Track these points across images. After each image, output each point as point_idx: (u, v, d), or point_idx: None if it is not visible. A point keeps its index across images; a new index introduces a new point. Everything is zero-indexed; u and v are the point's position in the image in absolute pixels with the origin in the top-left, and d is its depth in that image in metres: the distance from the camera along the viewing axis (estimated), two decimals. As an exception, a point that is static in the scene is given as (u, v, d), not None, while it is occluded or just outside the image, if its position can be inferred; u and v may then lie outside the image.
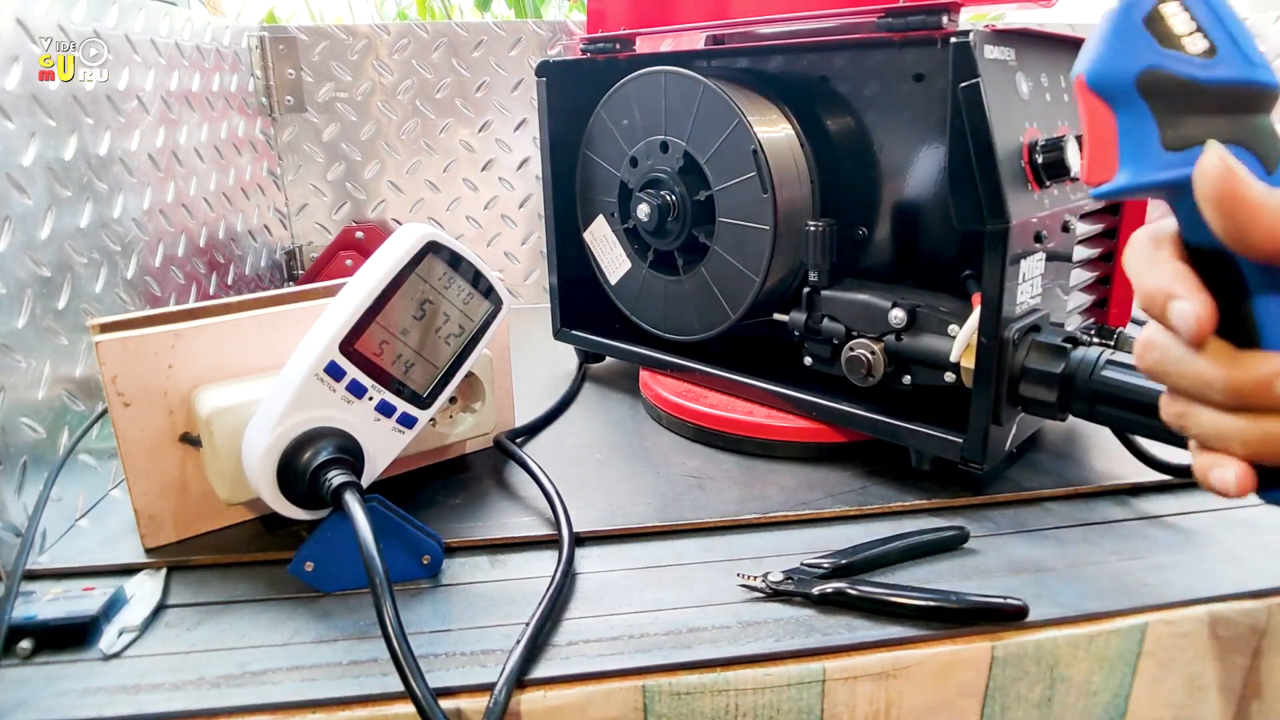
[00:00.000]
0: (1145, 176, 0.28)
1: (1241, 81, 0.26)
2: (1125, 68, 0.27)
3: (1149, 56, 0.27)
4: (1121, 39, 0.27)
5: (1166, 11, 0.27)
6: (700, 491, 0.54)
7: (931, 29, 0.50)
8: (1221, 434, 0.28)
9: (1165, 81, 0.27)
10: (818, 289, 0.58)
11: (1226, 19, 0.27)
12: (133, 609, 0.43)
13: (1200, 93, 0.27)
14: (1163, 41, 0.27)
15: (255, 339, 0.50)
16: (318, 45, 0.99)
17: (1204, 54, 0.26)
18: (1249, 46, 0.27)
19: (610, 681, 0.38)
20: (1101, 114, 0.28)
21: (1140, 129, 0.28)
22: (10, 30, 0.52)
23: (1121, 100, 0.28)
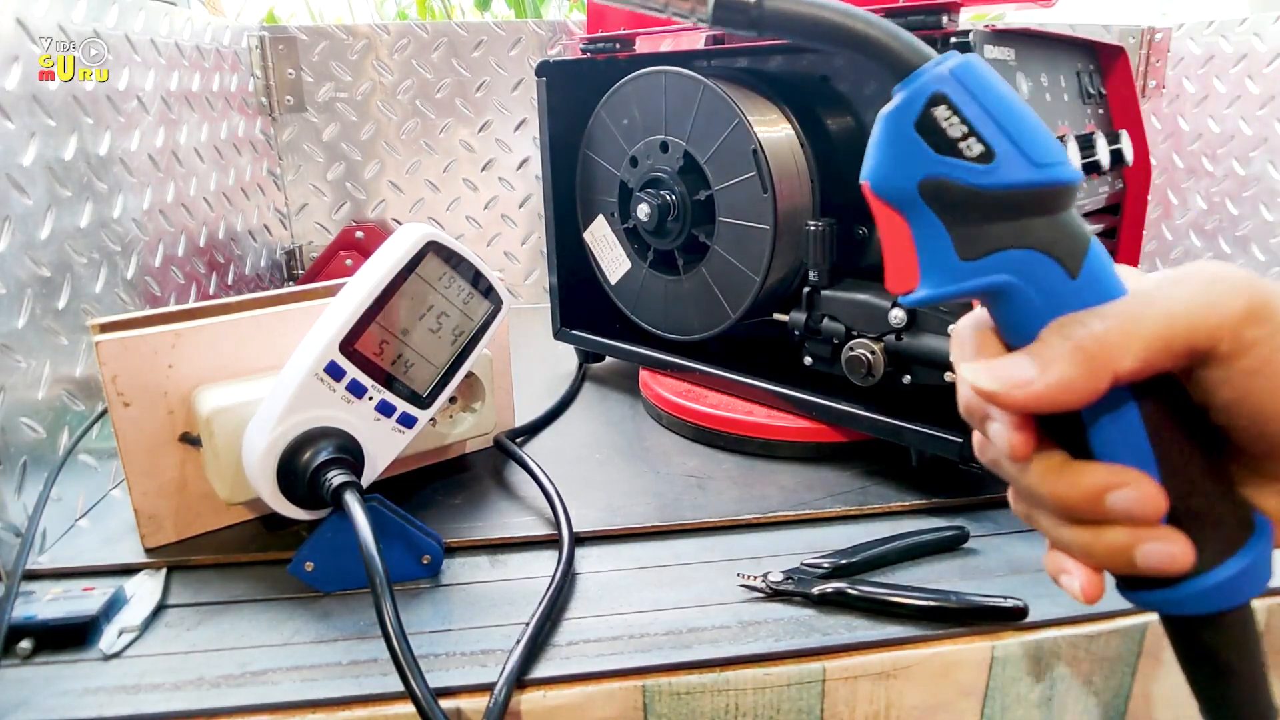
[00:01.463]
0: (944, 288, 0.26)
1: (1024, 185, 0.24)
2: (905, 175, 0.25)
3: (926, 165, 0.25)
4: (896, 145, 0.25)
5: (937, 115, 0.24)
6: (700, 491, 0.54)
7: (931, 29, 0.50)
8: (1063, 541, 0.26)
9: (947, 189, 0.24)
10: (818, 289, 0.58)
11: (1003, 117, 0.24)
12: (133, 609, 0.43)
13: (985, 199, 0.24)
14: (937, 149, 0.24)
15: (255, 339, 0.50)
16: (318, 45, 0.99)
17: (980, 158, 0.24)
18: (1031, 143, 0.24)
19: (610, 681, 0.38)
20: (894, 221, 0.26)
21: (933, 238, 0.25)
22: (10, 30, 0.52)
23: (909, 208, 0.26)
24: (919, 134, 0.24)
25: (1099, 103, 0.62)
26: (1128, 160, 0.60)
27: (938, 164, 0.24)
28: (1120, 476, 0.25)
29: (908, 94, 0.24)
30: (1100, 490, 0.25)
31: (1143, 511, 0.24)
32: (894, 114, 0.25)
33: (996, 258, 0.25)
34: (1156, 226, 1.06)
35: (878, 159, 0.26)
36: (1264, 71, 0.91)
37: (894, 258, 0.27)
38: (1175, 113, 1.03)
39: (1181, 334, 0.23)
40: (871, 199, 0.27)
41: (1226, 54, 0.95)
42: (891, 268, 0.27)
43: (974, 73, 0.24)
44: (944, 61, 0.24)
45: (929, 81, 0.24)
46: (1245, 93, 0.93)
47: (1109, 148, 0.57)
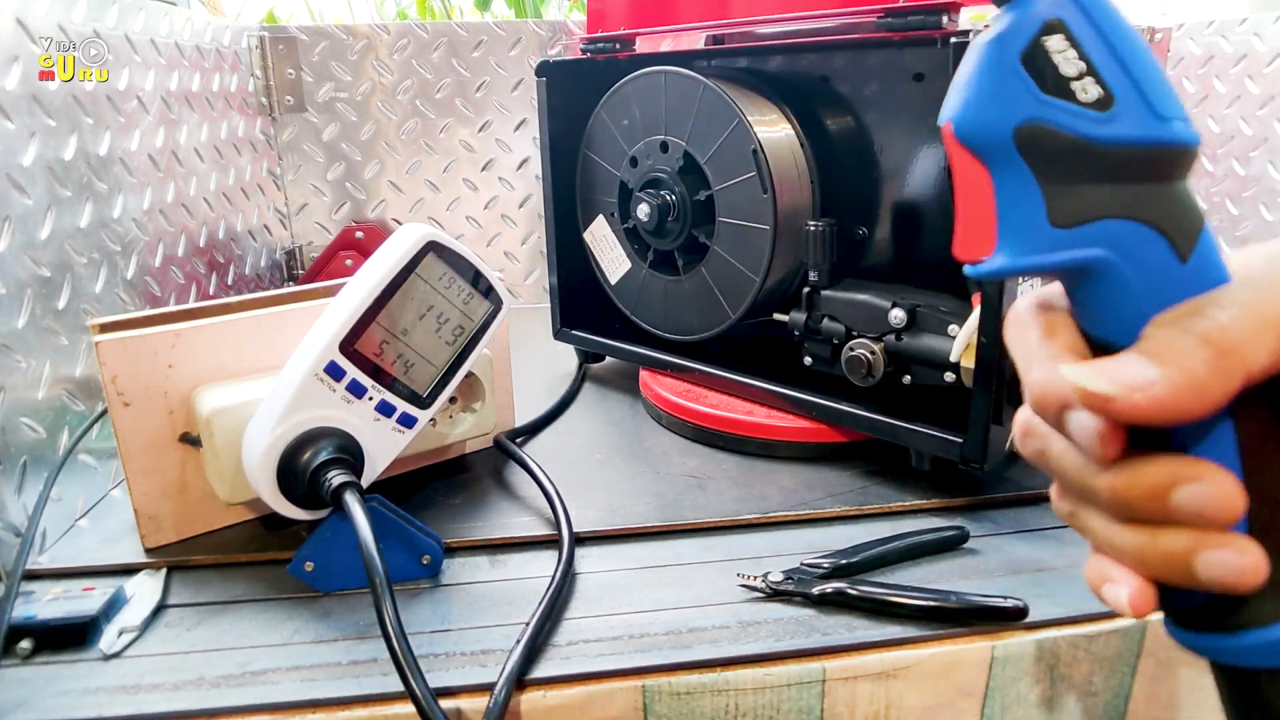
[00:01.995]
0: (1028, 259, 0.22)
1: (1147, 141, 0.20)
2: (999, 118, 0.21)
3: (1029, 106, 0.21)
4: (994, 80, 0.21)
5: (1050, 46, 0.20)
6: (700, 491, 0.54)
7: (931, 29, 0.50)
8: (1114, 544, 0.23)
9: (1050, 139, 0.21)
10: (818, 289, 0.58)
11: (1128, 57, 0.20)
12: (133, 609, 0.43)
13: (1095, 154, 0.21)
14: (1046, 87, 0.21)
15: (255, 339, 0.50)
16: (318, 45, 0.99)
17: (1098, 104, 0.20)
18: (1158, 93, 0.20)
19: (610, 681, 0.38)
20: (974, 173, 0.22)
21: (1022, 197, 0.22)
22: (10, 30, 0.52)
23: (998, 159, 0.22)
24: (1024, 68, 0.21)
25: (1099, 103, 0.62)
26: (1128, 160, 0.60)
27: (1043, 106, 0.21)
28: (1193, 469, 0.21)
29: (1016, 17, 0.21)
30: (1168, 483, 0.21)
31: (1215, 511, 0.21)
32: (996, 41, 0.21)
33: (1096, 227, 0.21)
34: (1156, 226, 1.06)
35: (968, 95, 0.22)
36: (1264, 71, 0.91)
37: (969, 217, 0.23)
38: (1175, 113, 1.03)
39: None
40: (951, 144, 0.23)
41: (1226, 54, 0.95)
42: (964, 229, 0.23)
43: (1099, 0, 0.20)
44: None
45: (1045, 5, 0.20)
46: (1245, 93, 0.93)
47: (1109, 148, 0.57)
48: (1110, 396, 0.21)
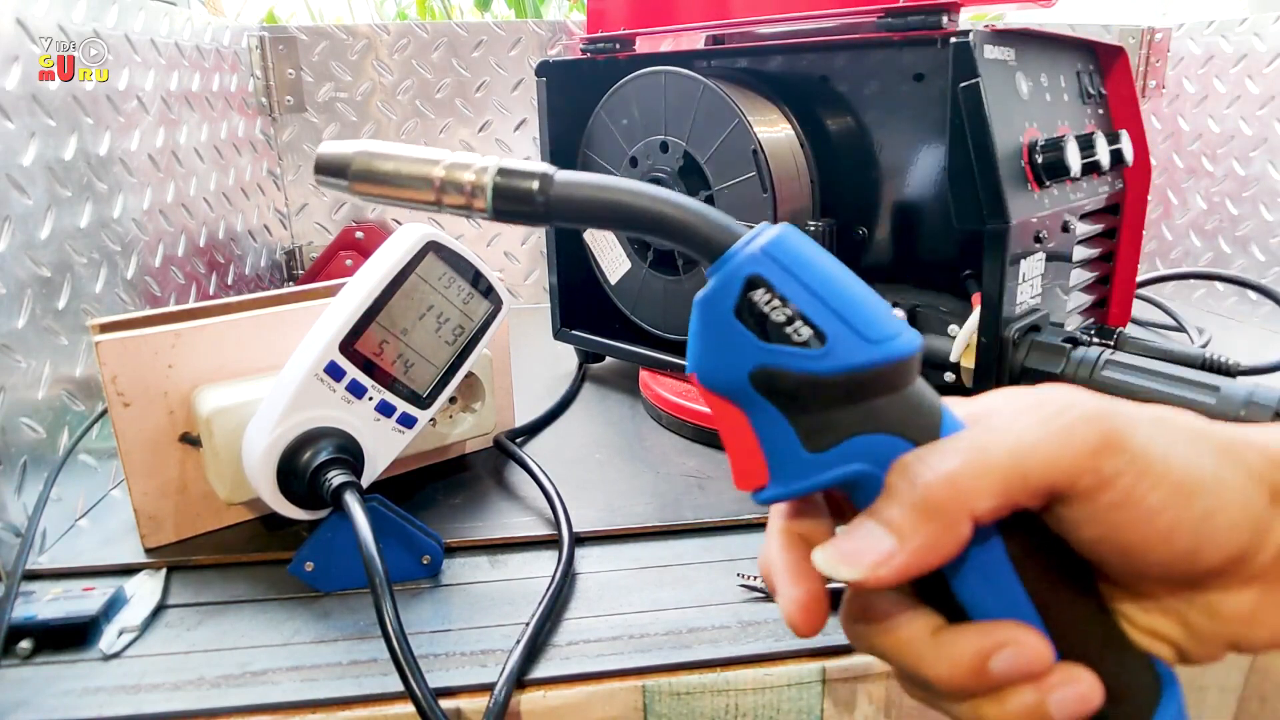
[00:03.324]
0: (797, 484, 0.23)
1: (865, 365, 0.22)
2: (732, 367, 0.23)
3: (754, 354, 0.22)
4: (718, 334, 0.22)
5: (757, 299, 0.22)
6: (700, 491, 0.54)
7: (931, 29, 0.50)
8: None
9: (781, 379, 0.22)
10: (818, 289, 0.58)
11: (827, 293, 0.22)
12: (133, 609, 0.43)
13: (824, 385, 0.22)
14: (764, 335, 0.22)
15: (255, 339, 0.50)
16: (318, 45, 0.99)
17: (810, 342, 0.22)
18: (863, 320, 0.22)
19: (610, 681, 0.38)
20: (730, 414, 0.24)
21: (776, 431, 0.23)
22: (10, 30, 0.52)
23: (744, 400, 0.23)
24: (740, 321, 0.22)
25: (1099, 103, 0.62)
26: (1128, 160, 0.60)
27: (766, 352, 0.22)
28: (995, 635, 0.22)
29: (720, 278, 0.22)
30: (980, 658, 0.22)
31: (1030, 665, 0.22)
32: (708, 300, 0.23)
33: (847, 446, 0.23)
34: (1156, 226, 1.06)
35: (701, 349, 0.23)
36: (1264, 71, 0.91)
37: (737, 453, 0.24)
38: (1175, 113, 1.03)
39: (1037, 468, 0.21)
40: (702, 392, 0.24)
41: (1226, 54, 0.95)
42: (737, 464, 0.24)
43: (789, 247, 0.22)
44: (755, 238, 0.22)
45: (741, 263, 0.22)
46: (1245, 93, 0.93)
47: (1109, 148, 0.57)
48: (860, 580, 0.22)
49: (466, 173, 0.23)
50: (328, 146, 0.25)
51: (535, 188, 0.23)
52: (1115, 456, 0.21)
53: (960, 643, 0.23)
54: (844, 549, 0.23)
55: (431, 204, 0.24)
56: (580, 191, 0.23)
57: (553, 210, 0.23)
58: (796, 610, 0.24)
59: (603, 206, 0.23)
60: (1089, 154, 0.55)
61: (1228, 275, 0.89)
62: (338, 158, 0.24)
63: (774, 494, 0.24)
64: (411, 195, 0.24)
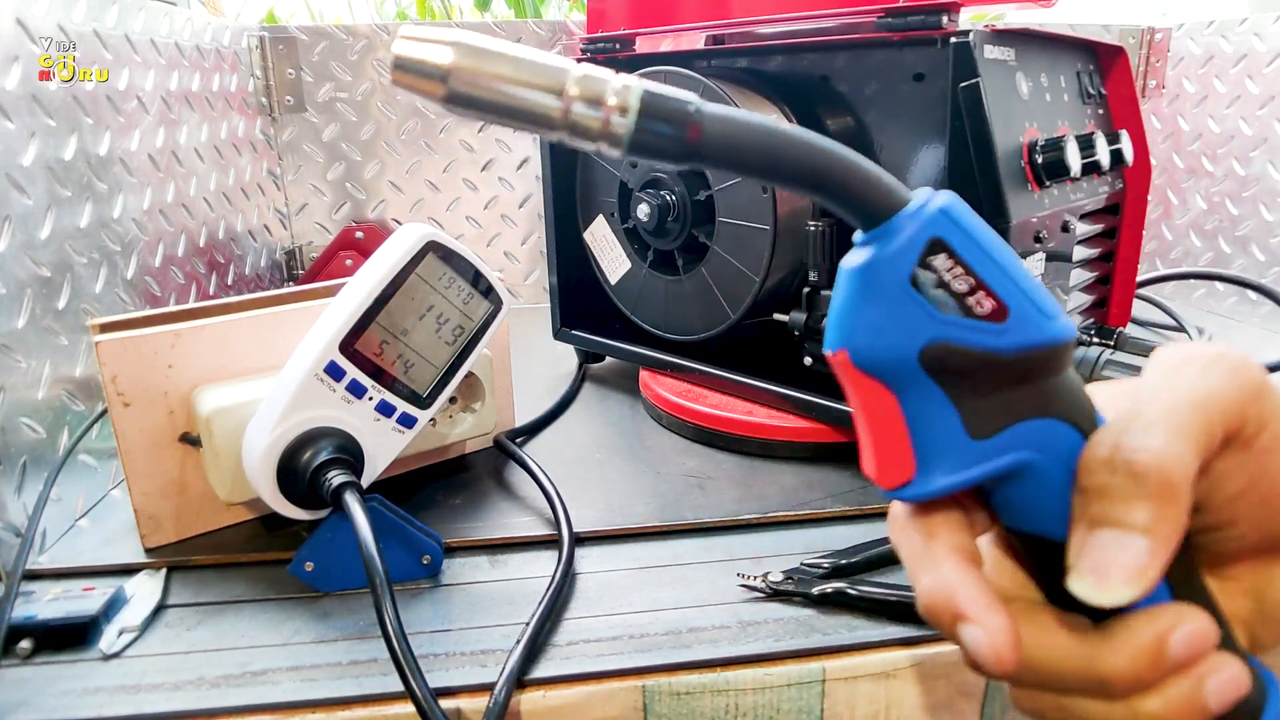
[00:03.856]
0: (955, 476, 0.21)
1: (1043, 343, 0.20)
2: (901, 343, 0.20)
3: (929, 327, 0.20)
4: (885, 305, 0.20)
5: (938, 266, 0.20)
6: (700, 491, 0.54)
7: (931, 29, 0.50)
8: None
9: (957, 356, 0.20)
10: (818, 289, 0.58)
11: (1009, 265, 0.20)
12: (133, 609, 0.43)
13: (1001, 364, 0.20)
14: (941, 305, 0.20)
15: (255, 339, 0.50)
16: (318, 45, 0.99)
17: (993, 315, 0.20)
18: (1040, 295, 0.21)
19: (610, 681, 0.38)
20: (880, 400, 0.21)
21: (935, 416, 0.21)
22: (10, 30, 0.52)
23: (904, 382, 0.21)
24: (915, 290, 0.20)
25: (1099, 103, 0.62)
26: (1128, 160, 0.60)
27: (944, 325, 0.20)
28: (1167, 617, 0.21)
29: (894, 243, 0.20)
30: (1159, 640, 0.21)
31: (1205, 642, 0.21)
32: (873, 265, 0.20)
33: (1012, 432, 0.21)
34: (1156, 226, 1.06)
35: (856, 323, 0.21)
36: (1264, 71, 0.91)
37: (879, 443, 0.22)
38: (1175, 113, 1.03)
39: (1219, 417, 0.20)
40: (849, 372, 0.22)
41: (1226, 54, 0.95)
42: (876, 455, 0.22)
43: (965, 212, 0.20)
44: (930, 200, 0.20)
45: (921, 226, 0.20)
46: (1245, 93, 0.93)
47: (1109, 148, 0.57)
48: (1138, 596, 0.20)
49: (604, 87, 0.19)
50: (412, 33, 0.19)
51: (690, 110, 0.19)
52: (1268, 399, 0.21)
53: (1135, 629, 0.21)
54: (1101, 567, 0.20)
55: (551, 123, 0.19)
56: (734, 127, 0.19)
57: (700, 145, 0.19)
58: (1005, 640, 0.21)
59: (758, 149, 0.19)
60: (1089, 154, 0.55)
61: (1228, 275, 0.89)
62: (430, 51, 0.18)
63: (925, 489, 0.22)
64: (528, 108, 0.19)
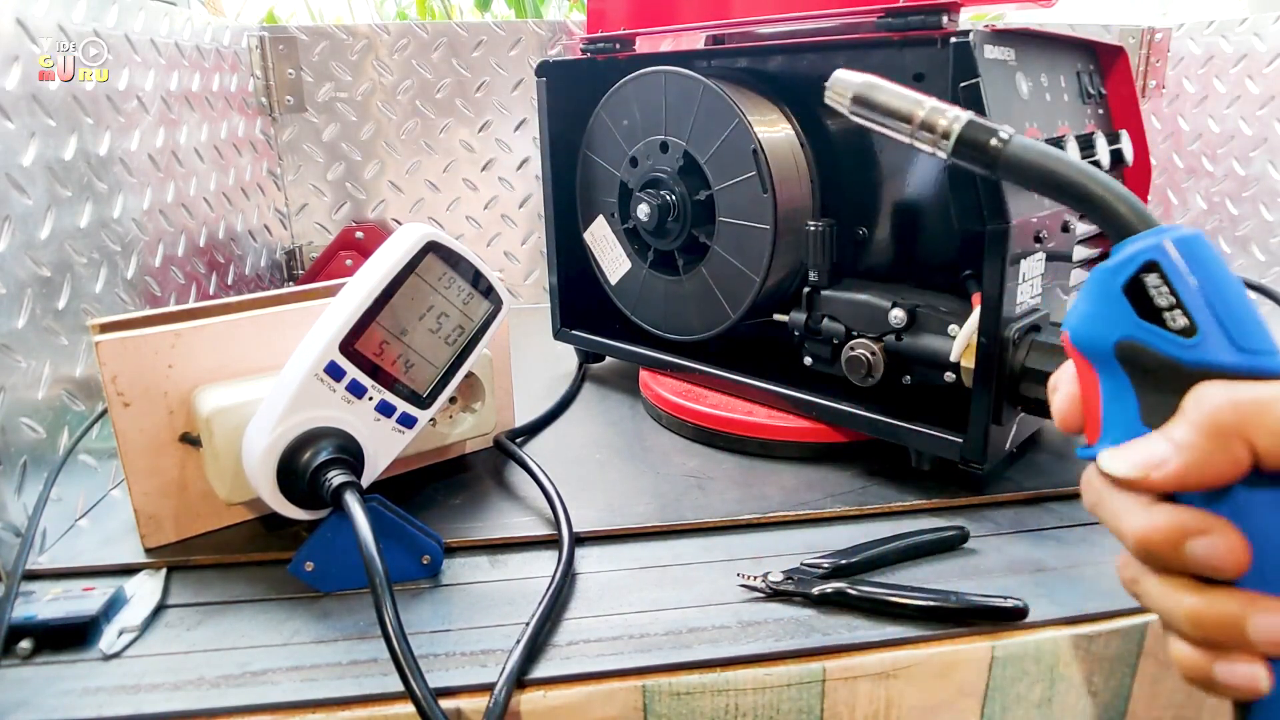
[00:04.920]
0: None
1: (1225, 367, 0.24)
2: (1104, 333, 0.26)
3: (1126, 326, 0.25)
4: (1102, 302, 0.26)
5: (1147, 281, 0.25)
6: (700, 491, 0.54)
7: (931, 29, 0.50)
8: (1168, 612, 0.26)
9: (1143, 355, 0.25)
10: (818, 289, 0.58)
11: (1214, 297, 0.24)
12: (133, 609, 0.43)
13: (1180, 372, 0.25)
14: (1142, 313, 0.25)
15: (255, 339, 0.50)
16: (318, 45, 0.99)
17: (1183, 332, 0.24)
18: (1240, 328, 0.24)
19: (610, 681, 0.38)
20: (1087, 373, 0.27)
21: (1121, 397, 0.26)
22: (10, 30, 0.52)
23: (1103, 364, 0.27)
24: (1125, 295, 0.25)
25: (1099, 103, 0.62)
26: (1128, 160, 0.60)
27: (1138, 328, 0.25)
28: (1204, 522, 0.24)
29: (1124, 256, 0.25)
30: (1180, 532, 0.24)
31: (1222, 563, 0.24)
32: (1106, 271, 0.26)
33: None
34: (1156, 226, 1.06)
35: (1081, 311, 0.27)
36: (1264, 71, 0.91)
37: (1085, 408, 0.28)
38: (1175, 113, 1.03)
39: None
40: (1069, 349, 0.28)
41: (1226, 54, 0.95)
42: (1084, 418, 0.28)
43: (1195, 249, 0.24)
44: (1167, 232, 0.25)
45: (1146, 248, 0.25)
46: (1245, 93, 0.93)
47: (1109, 148, 0.57)
48: (1134, 479, 0.25)
49: (942, 117, 0.30)
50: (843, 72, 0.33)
51: (993, 141, 0.28)
52: None
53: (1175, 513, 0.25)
54: (1125, 450, 0.26)
55: (906, 132, 0.31)
56: (1029, 155, 0.28)
57: (1001, 163, 0.28)
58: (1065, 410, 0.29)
59: (1044, 172, 0.27)
60: (1089, 154, 0.55)
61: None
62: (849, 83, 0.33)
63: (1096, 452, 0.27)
64: (894, 122, 0.31)
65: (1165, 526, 0.25)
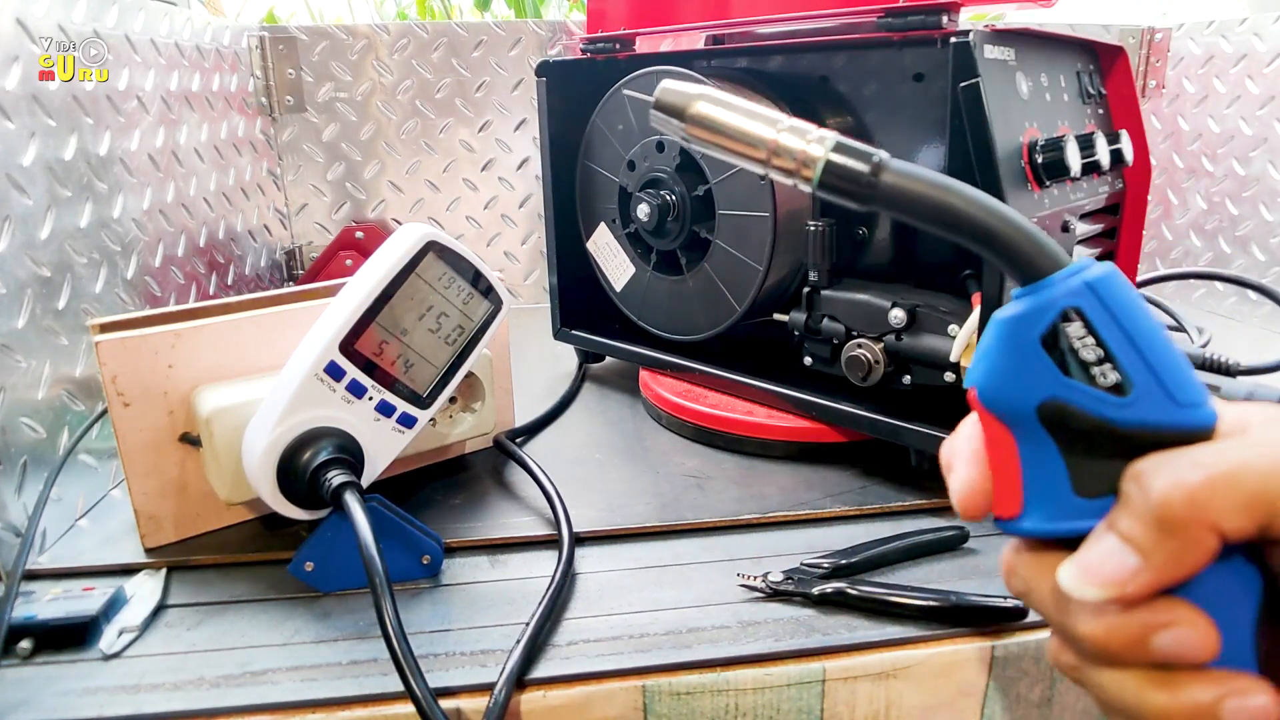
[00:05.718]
0: (1055, 524, 0.23)
1: (1165, 425, 0.21)
2: (1022, 394, 0.22)
3: (1050, 385, 0.22)
4: (1016, 357, 0.22)
5: (1070, 332, 0.21)
6: (700, 491, 0.54)
7: (931, 29, 0.50)
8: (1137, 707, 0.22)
9: (1072, 417, 0.22)
10: (818, 289, 0.58)
11: (1144, 345, 0.21)
12: (133, 609, 0.43)
13: (1116, 435, 0.22)
14: (1065, 369, 0.22)
15: (255, 339, 0.50)
16: (318, 45, 0.99)
17: (1116, 389, 0.21)
18: (1175, 380, 0.21)
19: (610, 681, 0.38)
20: (1000, 436, 0.23)
21: (1046, 465, 0.23)
22: (10, 30, 0.52)
23: (1022, 428, 0.23)
24: (1045, 350, 0.22)
25: (1099, 103, 0.62)
26: (1128, 160, 0.60)
27: (1063, 387, 0.22)
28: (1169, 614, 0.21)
29: (1035, 302, 0.22)
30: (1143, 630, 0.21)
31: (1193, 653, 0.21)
32: (1015, 321, 0.22)
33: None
34: (1156, 226, 1.06)
35: (990, 367, 0.23)
36: (1264, 71, 0.91)
37: (998, 475, 0.24)
38: (1175, 113, 1.03)
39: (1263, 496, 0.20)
40: (978, 409, 0.24)
41: (1226, 54, 0.95)
42: (995, 487, 0.24)
43: (1114, 289, 0.21)
44: (1080, 271, 0.21)
45: (1062, 293, 0.21)
46: (1245, 93, 0.93)
47: (1109, 148, 0.57)
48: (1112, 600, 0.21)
49: (802, 141, 0.23)
50: (671, 84, 0.25)
51: (866, 170, 0.23)
52: None
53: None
54: (1089, 566, 0.22)
55: (759, 162, 0.24)
56: (911, 185, 0.23)
57: (879, 196, 0.23)
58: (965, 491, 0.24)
59: (931, 205, 0.22)
60: (1089, 154, 0.55)
61: (1228, 275, 0.89)
62: (679, 98, 0.25)
63: (1028, 528, 0.23)
64: (742, 150, 0.24)
65: (1126, 628, 0.21)
